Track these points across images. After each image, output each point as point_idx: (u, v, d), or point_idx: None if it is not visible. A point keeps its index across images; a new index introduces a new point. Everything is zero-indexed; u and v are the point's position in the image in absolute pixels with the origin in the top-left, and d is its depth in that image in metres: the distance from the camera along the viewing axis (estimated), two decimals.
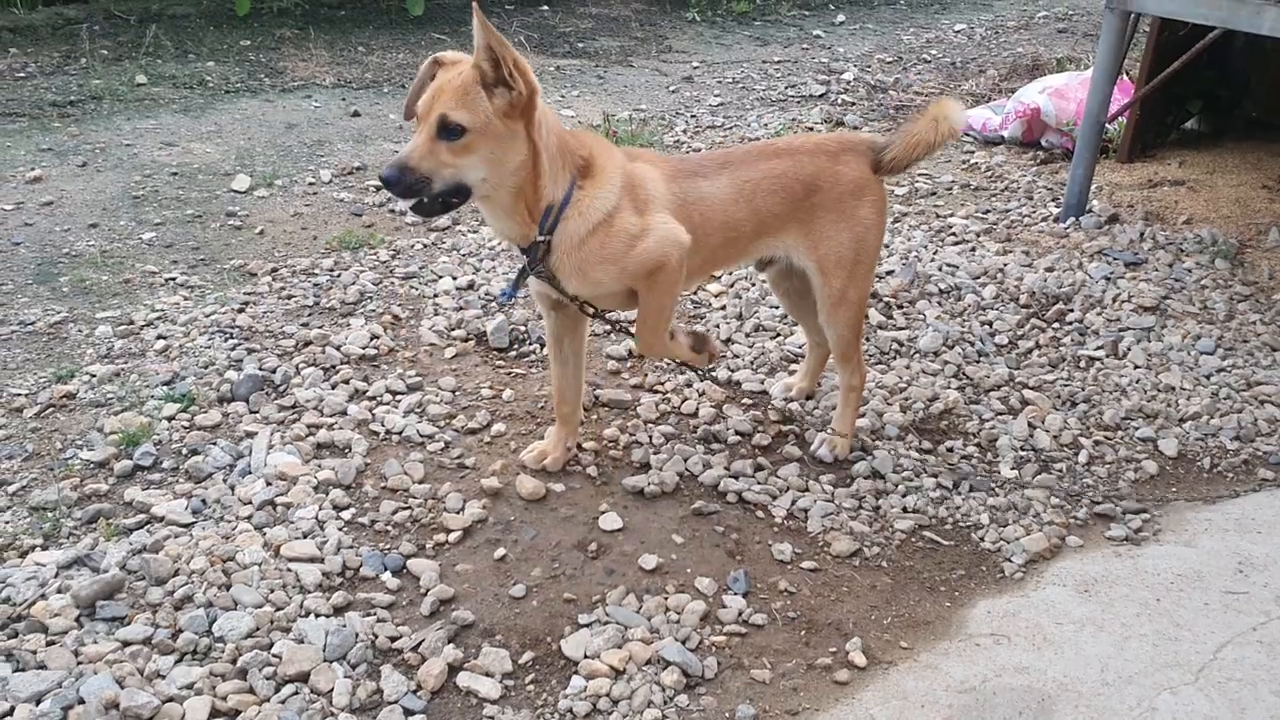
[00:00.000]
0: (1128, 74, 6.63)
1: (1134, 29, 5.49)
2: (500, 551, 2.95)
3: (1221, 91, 6.56)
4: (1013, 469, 3.48)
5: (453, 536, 2.99)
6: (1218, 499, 3.39)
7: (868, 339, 4.14)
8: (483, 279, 4.39)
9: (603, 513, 3.14)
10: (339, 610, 2.70)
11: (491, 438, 3.45)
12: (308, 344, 3.84)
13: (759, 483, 3.33)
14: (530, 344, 3.98)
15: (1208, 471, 3.53)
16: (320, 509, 3.02)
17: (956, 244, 5.13)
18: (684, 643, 2.69)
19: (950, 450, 3.55)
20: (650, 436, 3.51)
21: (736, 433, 3.55)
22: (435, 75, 2.74)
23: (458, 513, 3.07)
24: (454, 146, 2.66)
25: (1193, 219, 5.43)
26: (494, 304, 4.22)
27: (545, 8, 9.11)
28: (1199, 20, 4.98)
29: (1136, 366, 4.08)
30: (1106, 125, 6.01)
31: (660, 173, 3.04)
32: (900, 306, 4.45)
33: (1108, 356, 4.16)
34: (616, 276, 2.91)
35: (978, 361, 4.08)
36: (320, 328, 3.96)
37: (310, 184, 5.39)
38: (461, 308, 4.16)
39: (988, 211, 5.56)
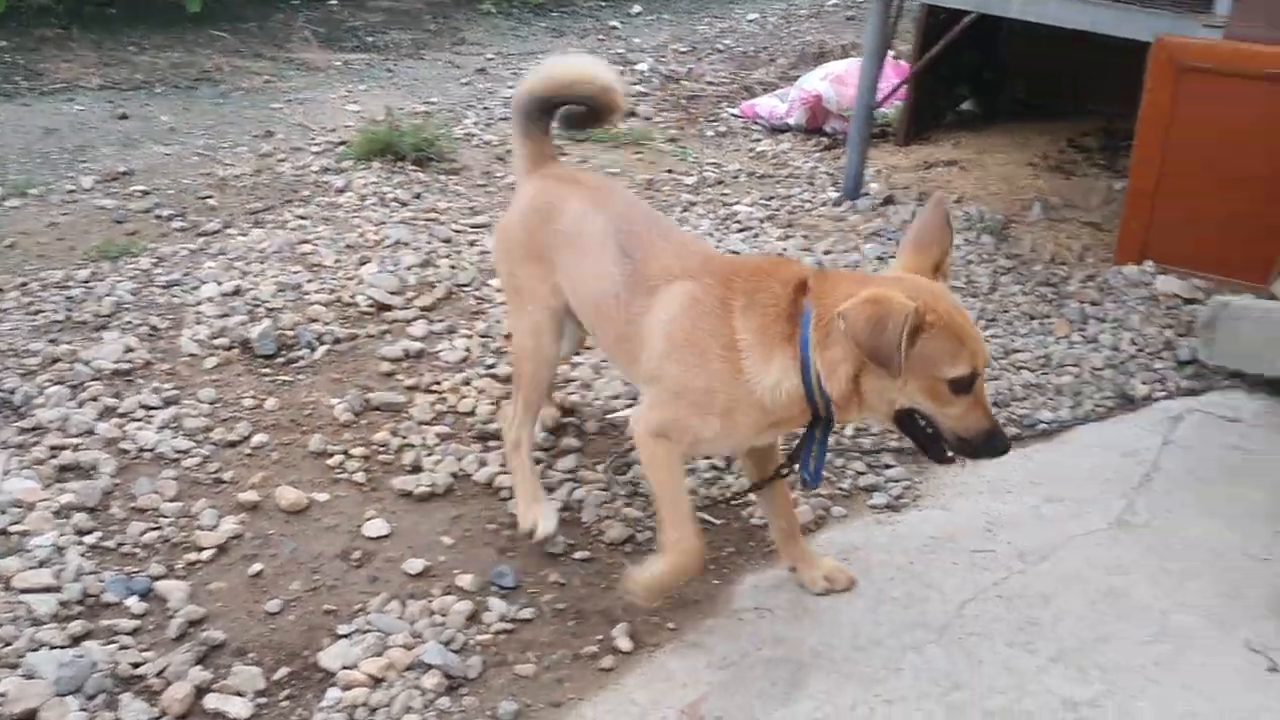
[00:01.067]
0: (905, 58, 6.87)
1: (898, 15, 5.68)
2: (257, 567, 2.86)
3: (987, 75, 6.87)
4: (782, 445, 3.56)
5: (205, 555, 2.88)
6: (973, 462, 3.53)
7: None
8: (250, 283, 4.24)
9: (369, 519, 3.07)
10: (76, 640, 2.56)
11: (252, 450, 3.33)
12: (55, 361, 3.64)
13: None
14: (299, 349, 3.87)
15: None
16: (60, 535, 2.86)
17: (741, 231, 5.23)
18: (447, 645, 2.66)
19: None
20: (424, 438, 3.46)
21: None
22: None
23: (211, 529, 2.96)
24: None
25: (963, 197, 5.66)
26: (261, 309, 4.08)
27: (333, 2, 8.89)
28: (955, 4, 5.21)
29: None
30: (882, 109, 6.22)
31: None
32: None
33: None
34: None
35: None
36: (69, 343, 3.76)
37: (70, 192, 5.12)
38: (225, 315, 4.01)
39: (771, 198, 5.68)
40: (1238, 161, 4.48)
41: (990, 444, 2.40)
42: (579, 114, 3.12)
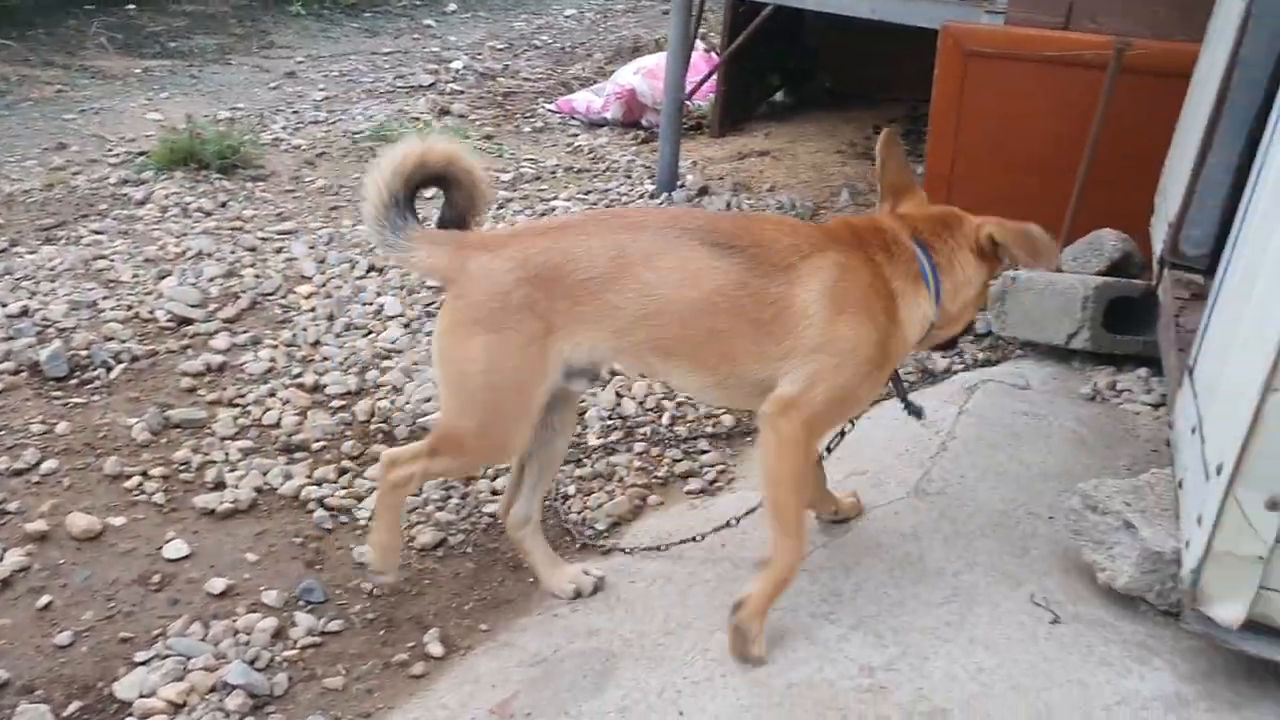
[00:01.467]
0: (717, 51, 6.99)
1: (702, 8, 5.78)
2: (45, 599, 2.74)
3: (795, 65, 7.05)
4: (600, 438, 3.59)
5: None
6: None
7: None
8: (39, 303, 4.05)
9: (169, 541, 2.98)
10: None
11: (41, 477, 3.19)
12: None
13: (343, 487, 3.26)
14: (94, 369, 3.71)
15: None
16: None
17: None
18: (252, 663, 2.59)
19: None
20: (227, 454, 3.36)
21: (323, 439, 3.47)
22: None
23: None
24: None
25: (775, 186, 5.80)
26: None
27: (131, 7, 8.54)
28: None
29: None
30: (697, 102, 6.33)
31: None
32: None
33: None
34: None
35: None
36: None
37: None
38: (11, 338, 3.82)
39: (589, 192, 5.71)
40: (1024, 143, 4.69)
41: None
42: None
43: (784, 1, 5.16)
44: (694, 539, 2.98)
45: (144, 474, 3.23)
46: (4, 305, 4.02)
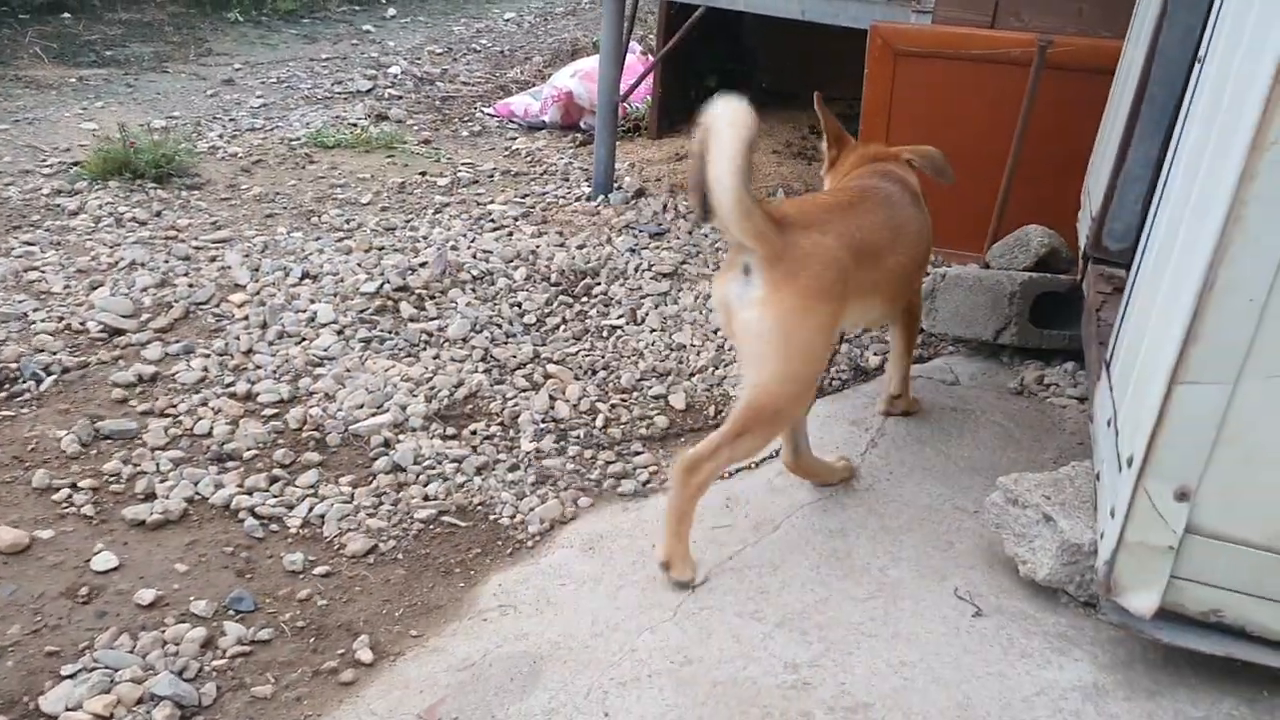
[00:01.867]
0: (653, 52, 7.02)
1: (634, 10, 5.81)
2: None
3: (733, 66, 7.09)
4: (533, 442, 3.60)
5: None
6: None
7: (396, 333, 4.14)
8: None
9: (97, 553, 2.95)
10: None
11: None
12: None
13: (274, 496, 3.25)
14: (24, 381, 3.67)
15: (713, 418, 3.80)
16: None
17: (495, 230, 5.24)
18: (180, 674, 2.58)
19: (474, 433, 3.62)
20: (157, 464, 3.34)
21: (255, 447, 3.45)
22: None
23: None
24: None
25: None
26: None
27: (66, 15, 8.43)
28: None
29: (653, 330, 4.33)
30: (633, 103, 6.35)
31: None
32: (432, 297, 4.48)
33: (627, 324, 4.39)
34: None
35: (505, 343, 4.18)
36: None
37: None
38: None
39: (526, 195, 5.72)
40: (954, 139, 4.71)
41: None
42: None
43: (714, 3, 5.19)
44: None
45: (73, 486, 3.20)
46: None
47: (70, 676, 2.56)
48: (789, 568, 2.89)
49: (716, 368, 4.07)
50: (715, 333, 4.31)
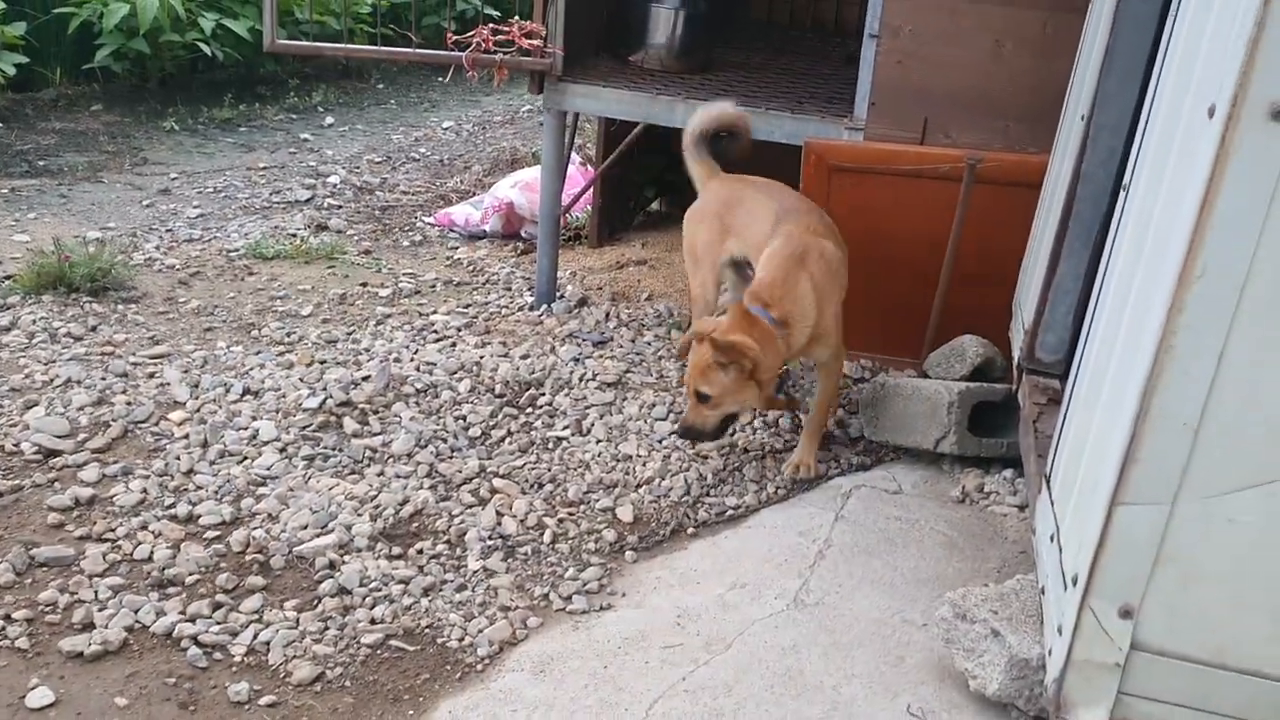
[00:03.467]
0: (591, 163, 7.16)
1: (574, 126, 5.94)
2: None
3: (670, 176, 7.24)
4: (479, 560, 3.57)
5: None
6: (668, 554, 3.66)
7: (340, 450, 4.12)
8: None
9: (32, 688, 2.86)
10: None
11: None
12: None
13: (218, 622, 3.18)
14: None
15: (660, 530, 3.80)
16: None
17: (438, 341, 5.25)
18: None
19: (420, 552, 3.59)
20: (96, 592, 3.26)
21: (198, 571, 3.39)
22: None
23: None
24: (710, 404, 3.93)
25: (653, 295, 5.92)
26: None
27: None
28: (624, 117, 5.49)
29: (599, 441, 4.35)
30: (574, 214, 6.45)
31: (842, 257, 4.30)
32: (376, 412, 4.46)
33: (573, 435, 4.40)
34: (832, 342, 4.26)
35: (450, 457, 4.17)
36: None
37: None
38: None
39: (469, 305, 5.74)
40: (889, 250, 4.89)
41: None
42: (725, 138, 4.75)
43: (654, 121, 5.33)
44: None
45: (6, 617, 3.11)
46: None
47: None
48: (742, 688, 2.88)
49: (663, 478, 4.09)
50: (660, 442, 4.34)
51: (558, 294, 5.82)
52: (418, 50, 5.21)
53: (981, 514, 3.83)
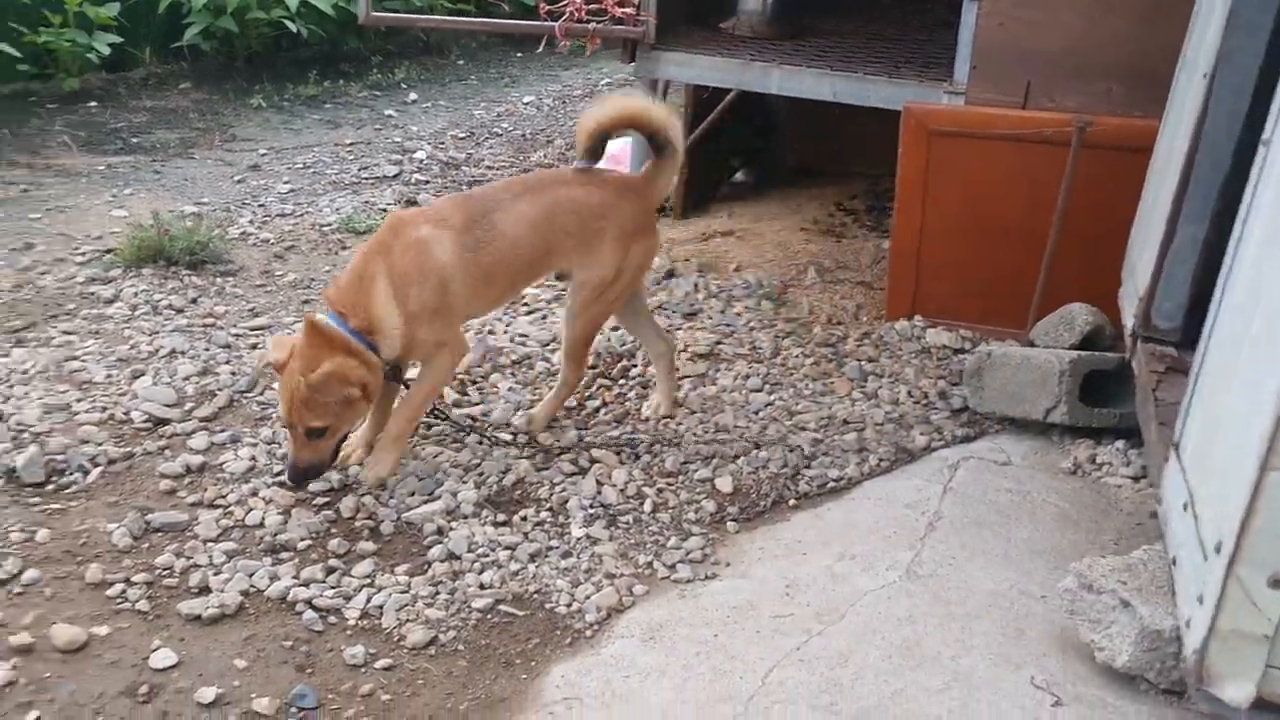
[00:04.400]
0: None
1: (665, 95, 5.89)
2: (33, 715, 2.66)
3: (759, 144, 7.18)
4: (583, 527, 3.57)
5: None
6: (770, 526, 3.62)
7: (440, 419, 4.13)
8: (13, 408, 4.00)
9: (155, 650, 2.91)
10: None
11: (23, 587, 3.12)
12: None
13: (331, 586, 3.22)
14: (70, 474, 3.66)
15: (761, 501, 3.77)
16: None
17: (529, 313, 5.25)
18: None
19: (524, 519, 3.59)
20: (210, 556, 3.31)
21: (309, 537, 3.43)
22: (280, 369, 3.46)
23: None
24: (324, 439, 3.48)
25: (741, 266, 5.86)
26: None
27: (93, 104, 8.54)
28: (716, 84, 5.43)
29: (693, 412, 4.32)
30: None
31: (449, 234, 3.63)
32: (474, 382, 4.48)
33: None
34: (427, 340, 3.69)
35: (549, 427, 4.16)
36: None
37: None
38: None
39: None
40: (990, 217, 4.79)
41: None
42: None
43: (747, 87, 5.27)
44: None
45: (127, 581, 3.17)
46: None
47: None
48: (858, 659, 2.84)
49: (761, 448, 4.04)
50: (756, 413, 4.29)
51: None
52: (511, 20, 5.19)
53: (1094, 485, 3.73)
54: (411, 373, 3.94)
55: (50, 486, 3.61)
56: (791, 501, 3.77)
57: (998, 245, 4.79)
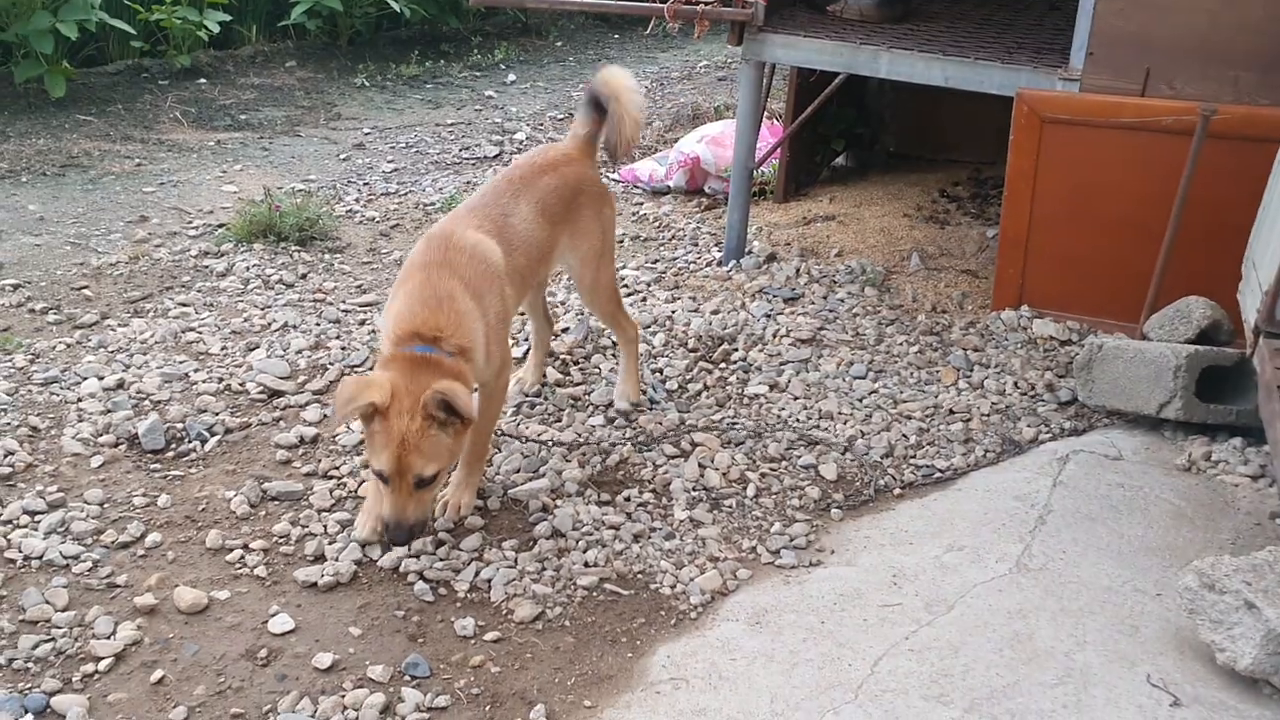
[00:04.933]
0: (778, 118, 7.07)
1: (771, 77, 5.85)
2: (159, 674, 2.76)
3: (861, 129, 7.10)
4: (685, 510, 3.58)
5: (103, 665, 2.77)
6: (875, 515, 3.61)
7: (545, 399, 4.18)
8: (134, 376, 4.13)
9: (273, 615, 3.00)
10: None
11: (146, 550, 3.23)
12: None
13: (440, 559, 3.27)
14: (189, 442, 3.77)
15: (865, 489, 3.75)
16: None
17: (629, 295, 5.27)
18: None
19: (628, 499, 3.62)
20: (325, 526, 3.39)
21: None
22: (374, 414, 3.01)
23: (108, 638, 2.85)
24: (430, 487, 3.07)
25: (843, 251, 5.81)
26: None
27: (203, 81, 8.75)
28: (825, 67, 5.37)
29: (796, 397, 4.30)
30: (758, 169, 6.37)
31: (492, 239, 3.45)
32: (576, 363, 4.51)
33: (770, 390, 4.37)
34: (495, 358, 3.43)
35: (650, 409, 4.18)
36: None
37: None
38: (109, 410, 3.89)
39: (657, 261, 5.74)
40: (1104, 207, 4.69)
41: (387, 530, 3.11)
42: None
43: (856, 71, 5.21)
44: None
45: (245, 547, 3.27)
46: (100, 378, 4.10)
47: None
48: (969, 650, 2.82)
49: (864, 437, 4.02)
50: (860, 400, 4.26)
51: (746, 250, 5.77)
52: (620, 1, 5.19)
53: (1210, 483, 3.64)
54: None
55: (170, 453, 3.73)
56: (897, 490, 3.74)
57: (1111, 235, 4.69)
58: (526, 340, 4.47)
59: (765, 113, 7.03)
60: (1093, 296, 4.78)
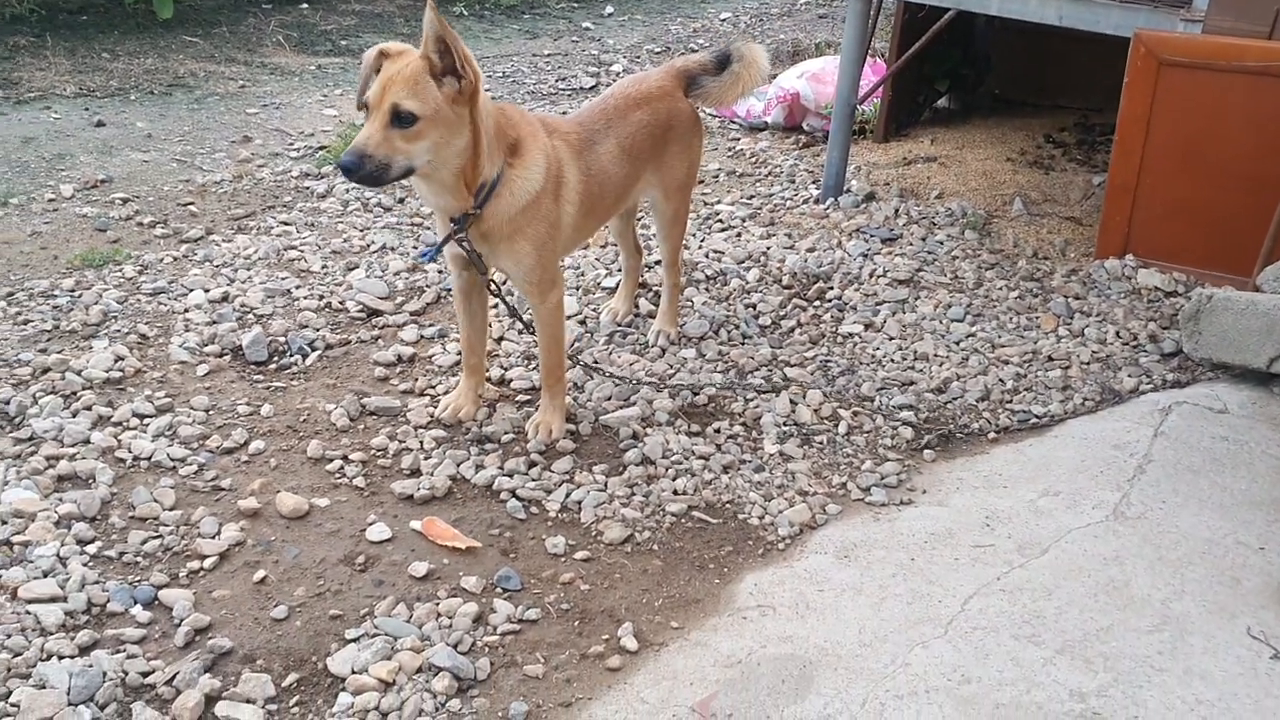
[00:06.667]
0: (881, 56, 6.93)
1: (878, 13, 5.73)
2: (260, 574, 2.85)
3: (966, 71, 6.93)
4: (776, 444, 3.58)
5: (208, 563, 2.87)
6: (968, 457, 3.57)
7: (637, 329, 4.19)
8: (238, 290, 4.23)
9: (370, 524, 3.07)
10: (84, 650, 2.55)
11: (249, 456, 3.32)
12: (46, 371, 3.61)
13: (533, 480, 3.32)
14: (291, 355, 3.85)
15: (959, 432, 3.71)
16: (62, 545, 2.85)
17: (723, 230, 5.25)
18: (455, 647, 2.66)
19: (718, 431, 3.62)
20: (421, 442, 3.45)
21: (511, 431, 3.54)
22: (381, 66, 2.94)
23: (213, 537, 2.95)
24: (407, 134, 2.89)
25: (944, 193, 5.71)
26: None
27: (305, 6, 8.84)
28: (933, 2, 5.24)
29: (891, 338, 4.26)
30: (859, 107, 6.26)
31: (571, 151, 3.40)
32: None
33: (865, 330, 4.32)
34: (530, 258, 3.29)
35: (742, 344, 4.17)
36: (60, 352, 3.73)
37: (50, 200, 5.08)
38: (214, 322, 3.99)
39: (752, 197, 5.70)
40: (1219, 155, 4.53)
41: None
42: None
43: (967, 7, 5.07)
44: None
45: (344, 458, 3.34)
46: (206, 290, 4.20)
47: (354, 640, 2.67)
48: (1063, 594, 2.79)
49: (961, 379, 3.97)
50: (957, 344, 4.20)
51: (844, 188, 5.69)
52: None
53: None
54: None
55: (272, 366, 3.82)
56: (991, 435, 3.69)
57: (1225, 185, 4.53)
58: (619, 270, 4.47)
59: (869, 50, 6.90)
60: (1202, 247, 4.64)
